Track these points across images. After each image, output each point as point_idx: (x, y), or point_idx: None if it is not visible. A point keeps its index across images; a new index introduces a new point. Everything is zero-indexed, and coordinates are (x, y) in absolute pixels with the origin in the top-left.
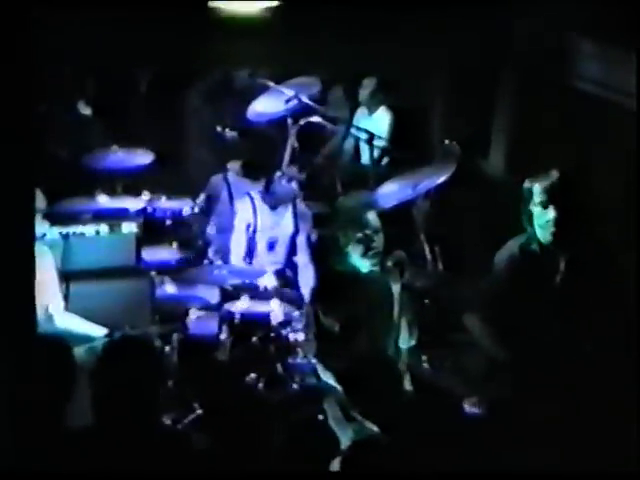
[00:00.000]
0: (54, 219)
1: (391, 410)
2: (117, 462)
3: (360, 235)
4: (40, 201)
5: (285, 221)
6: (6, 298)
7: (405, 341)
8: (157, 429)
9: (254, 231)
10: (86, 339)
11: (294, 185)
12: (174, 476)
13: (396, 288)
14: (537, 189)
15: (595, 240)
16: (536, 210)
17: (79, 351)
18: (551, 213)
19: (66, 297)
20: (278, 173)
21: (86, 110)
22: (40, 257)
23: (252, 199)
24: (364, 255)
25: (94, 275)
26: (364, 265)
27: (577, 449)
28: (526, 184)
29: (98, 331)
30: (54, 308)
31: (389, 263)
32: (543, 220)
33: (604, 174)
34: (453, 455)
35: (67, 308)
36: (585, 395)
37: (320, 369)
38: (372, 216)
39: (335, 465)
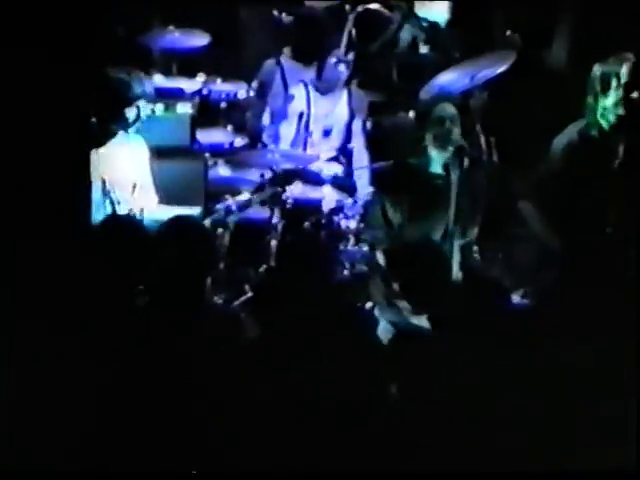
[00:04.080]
0: None
1: (438, 298)
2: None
3: (437, 126)
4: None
5: (340, 107)
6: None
7: (460, 235)
8: (208, 309)
9: (308, 118)
10: None
11: (349, 71)
12: (223, 353)
13: (454, 176)
14: (625, 69)
15: None
16: (612, 94)
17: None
18: (634, 94)
19: None
20: (334, 59)
21: None
22: (135, 151)
23: (306, 86)
24: (440, 146)
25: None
26: (439, 157)
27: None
28: (600, 68)
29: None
30: (148, 204)
31: (450, 148)
32: (614, 103)
33: None
34: (501, 345)
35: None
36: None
37: (371, 256)
38: (449, 107)
39: (383, 352)
